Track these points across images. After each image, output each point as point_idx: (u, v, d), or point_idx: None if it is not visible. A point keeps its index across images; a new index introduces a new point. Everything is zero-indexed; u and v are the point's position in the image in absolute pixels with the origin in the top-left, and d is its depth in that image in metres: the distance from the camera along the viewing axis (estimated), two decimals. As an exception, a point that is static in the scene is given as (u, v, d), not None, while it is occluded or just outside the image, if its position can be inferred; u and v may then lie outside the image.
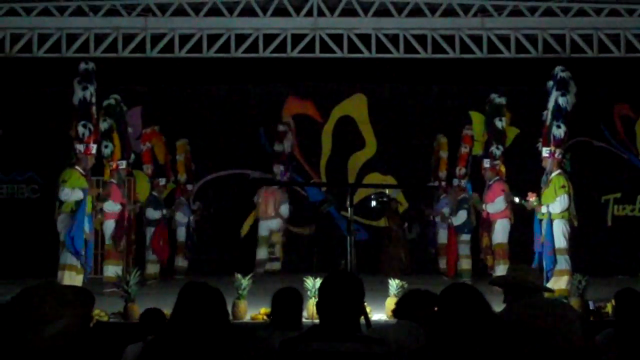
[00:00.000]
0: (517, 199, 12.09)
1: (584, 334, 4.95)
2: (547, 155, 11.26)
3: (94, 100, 11.75)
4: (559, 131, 11.26)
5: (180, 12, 13.72)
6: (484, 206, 13.39)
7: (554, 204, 10.99)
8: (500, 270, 12.31)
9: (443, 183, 15.78)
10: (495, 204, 13.16)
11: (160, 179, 15.18)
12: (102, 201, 12.80)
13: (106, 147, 12.92)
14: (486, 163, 13.50)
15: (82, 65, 11.86)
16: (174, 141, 15.98)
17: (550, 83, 11.57)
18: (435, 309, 4.15)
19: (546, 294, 9.04)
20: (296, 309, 5.26)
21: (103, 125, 12.94)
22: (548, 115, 11.48)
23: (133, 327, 7.66)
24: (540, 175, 11.55)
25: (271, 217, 15.79)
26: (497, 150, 13.41)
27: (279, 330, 4.88)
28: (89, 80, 11.72)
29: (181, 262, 15.71)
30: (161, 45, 13.78)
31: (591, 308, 7.69)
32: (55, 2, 13.51)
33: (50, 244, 11.97)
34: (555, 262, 10.82)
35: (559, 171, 11.23)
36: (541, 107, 11.72)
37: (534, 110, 12.18)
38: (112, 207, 12.96)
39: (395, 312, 5.35)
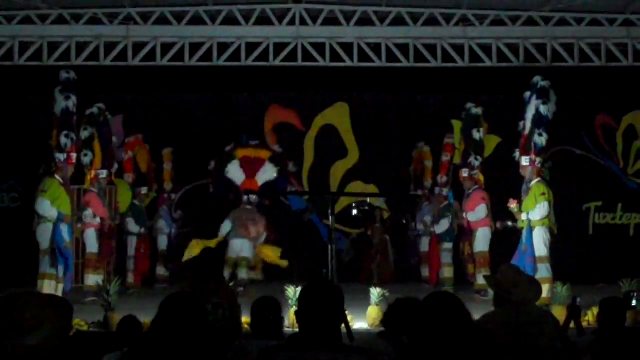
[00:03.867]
0: (510, 224, 12.15)
1: (563, 341, 4.96)
2: (526, 164, 11.28)
3: (75, 109, 11.69)
4: (540, 139, 11.29)
5: (162, 20, 13.70)
6: (464, 215, 13.44)
7: (533, 212, 11.03)
8: (481, 278, 12.34)
9: (426, 192, 15.80)
10: (476, 213, 13.22)
11: (142, 188, 15.14)
12: (82, 210, 12.75)
13: (85, 155, 12.83)
14: (464, 173, 13.58)
15: (64, 74, 11.77)
16: (156, 150, 15.94)
17: (528, 93, 11.61)
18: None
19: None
20: (275, 318, 5.24)
21: (84, 134, 12.87)
22: (527, 124, 11.50)
23: (112, 336, 7.62)
24: (521, 183, 11.58)
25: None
26: (475, 160, 13.48)
27: (259, 340, 4.86)
28: (70, 90, 11.63)
29: (163, 271, 15.64)
30: (143, 53, 13.75)
31: (577, 304, 7.74)
32: (37, 10, 13.46)
33: (30, 253, 11.90)
34: (535, 270, 10.83)
35: (538, 179, 11.25)
36: (522, 117, 11.78)
37: (515, 119, 12.22)
38: (91, 218, 12.90)
39: (384, 323, 5.31)
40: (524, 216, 11.12)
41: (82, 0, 13.40)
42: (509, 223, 12.30)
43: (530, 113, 11.46)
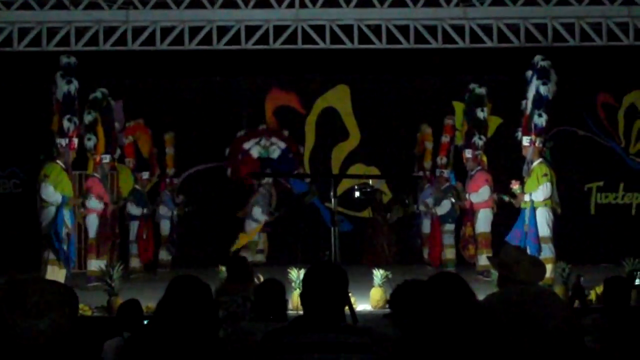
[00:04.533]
0: (506, 198, 12.13)
1: (568, 320, 4.96)
2: (527, 144, 11.28)
3: (76, 94, 11.71)
4: (540, 120, 11.30)
5: (161, 4, 13.62)
6: (467, 196, 13.43)
7: (536, 192, 11.04)
8: (483, 259, 12.35)
9: (428, 173, 15.79)
10: (479, 194, 13.22)
11: (143, 173, 15.12)
12: (84, 197, 12.74)
13: (89, 139, 12.83)
14: (468, 153, 13.57)
15: (64, 59, 11.80)
16: (156, 134, 15.92)
17: (529, 72, 11.61)
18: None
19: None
20: (279, 301, 5.24)
21: (87, 118, 12.87)
22: (528, 104, 11.51)
23: (113, 321, 7.66)
24: (522, 164, 11.58)
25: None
26: (479, 140, 13.46)
27: (263, 322, 4.87)
28: (72, 74, 11.67)
29: (165, 255, 15.65)
30: (143, 38, 13.69)
31: (581, 284, 7.75)
32: (35, -5, 13.42)
33: (33, 238, 11.92)
34: (540, 250, 10.85)
35: (540, 160, 11.26)
36: (524, 96, 11.76)
37: (516, 100, 12.21)
38: (94, 204, 12.86)
39: (390, 303, 5.31)
40: (526, 197, 11.12)
41: (80, -16, 13.36)
42: (505, 197, 12.25)
43: (531, 93, 11.47)
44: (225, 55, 14.55)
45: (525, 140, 11.33)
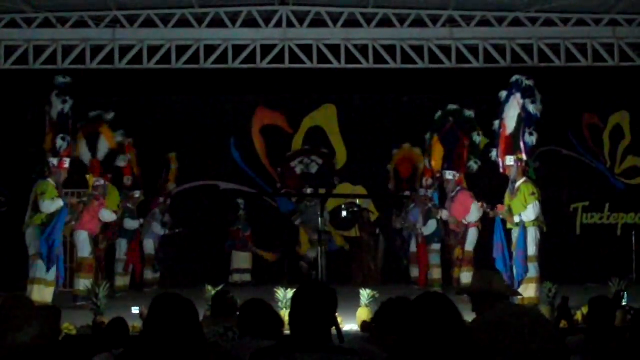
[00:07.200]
0: (491, 212, 12.10)
1: (554, 340, 4.96)
2: (512, 163, 11.19)
3: (71, 113, 11.74)
4: (531, 138, 11.21)
5: (148, 23, 13.67)
6: (463, 220, 13.17)
7: (526, 212, 10.94)
8: (466, 277, 12.26)
9: (413, 193, 15.74)
10: (472, 214, 13.01)
11: (135, 192, 15.02)
12: (72, 213, 12.66)
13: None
14: (449, 175, 13.42)
15: (60, 79, 11.82)
16: (146, 153, 15.81)
17: (504, 93, 11.59)
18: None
19: (517, 300, 9.16)
20: (264, 320, 5.22)
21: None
22: (509, 123, 11.43)
23: (101, 337, 7.62)
24: (502, 184, 11.56)
25: None
26: (474, 164, 13.36)
27: (252, 340, 4.85)
28: (67, 94, 11.70)
29: (151, 274, 15.55)
30: (130, 56, 13.71)
31: (567, 304, 7.76)
32: (22, 14, 13.40)
33: (19, 257, 11.85)
34: (526, 271, 10.81)
35: (524, 179, 11.18)
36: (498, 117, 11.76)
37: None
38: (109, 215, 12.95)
39: (376, 321, 5.30)
40: (516, 218, 11.03)
41: (68, 3, 13.35)
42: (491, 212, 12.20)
43: (513, 112, 11.38)
44: (212, 74, 14.57)
45: (510, 160, 11.23)
